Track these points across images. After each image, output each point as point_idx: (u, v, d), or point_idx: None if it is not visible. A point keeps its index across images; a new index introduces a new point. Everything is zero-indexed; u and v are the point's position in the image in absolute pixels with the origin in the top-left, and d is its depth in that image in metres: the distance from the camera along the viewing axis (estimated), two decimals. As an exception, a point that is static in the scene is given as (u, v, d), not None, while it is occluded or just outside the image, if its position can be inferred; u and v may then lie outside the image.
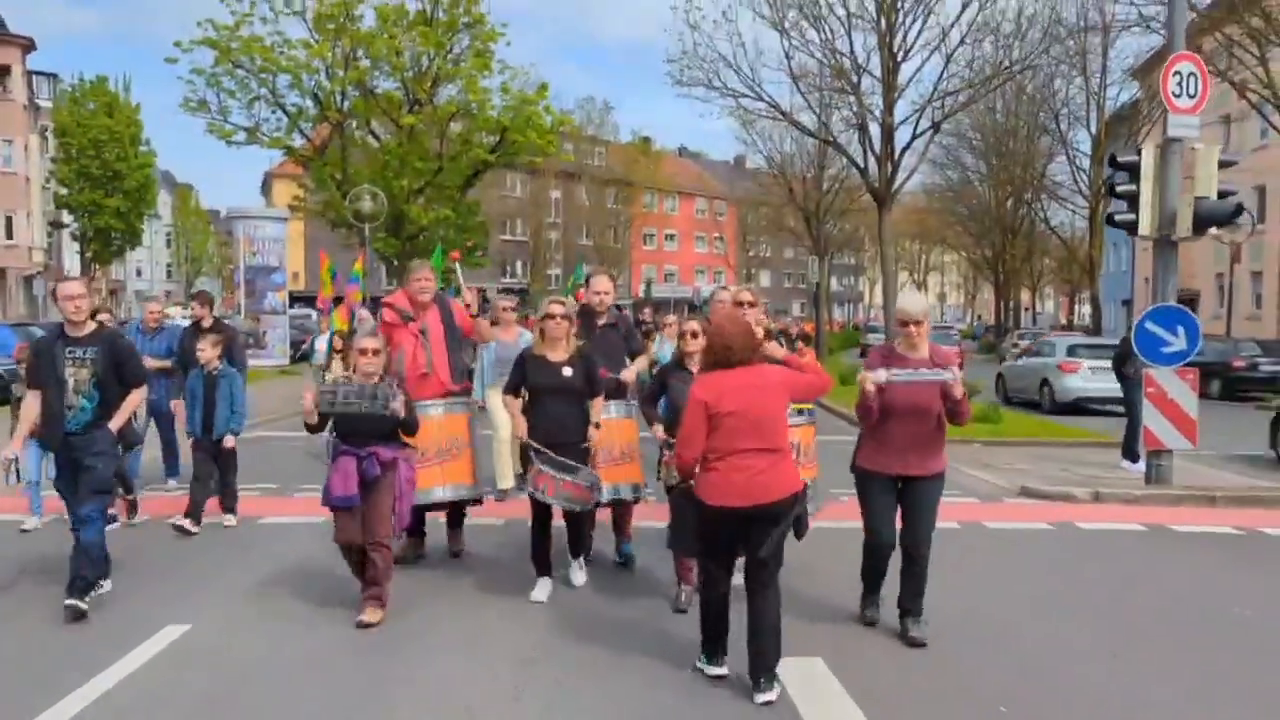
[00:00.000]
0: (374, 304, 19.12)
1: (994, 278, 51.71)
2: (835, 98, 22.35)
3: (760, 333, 5.25)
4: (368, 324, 12.36)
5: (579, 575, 6.30)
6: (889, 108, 19.68)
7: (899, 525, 5.36)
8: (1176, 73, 9.01)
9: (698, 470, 4.59)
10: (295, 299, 34.98)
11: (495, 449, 8.95)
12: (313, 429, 5.79)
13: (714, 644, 4.75)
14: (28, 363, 6.10)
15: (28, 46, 45.51)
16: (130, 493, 8.13)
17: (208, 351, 7.90)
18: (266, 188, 65.09)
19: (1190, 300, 37.95)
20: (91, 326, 5.85)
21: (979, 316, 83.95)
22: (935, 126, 20.70)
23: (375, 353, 5.65)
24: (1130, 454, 10.95)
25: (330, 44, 25.30)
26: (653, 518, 7.02)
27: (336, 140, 26.67)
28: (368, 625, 5.47)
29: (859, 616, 5.59)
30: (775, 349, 5.50)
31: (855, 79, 20.34)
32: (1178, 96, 9.01)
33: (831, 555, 6.59)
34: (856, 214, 43.01)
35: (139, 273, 77.02)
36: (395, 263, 27.59)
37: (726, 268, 72.13)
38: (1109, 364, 12.13)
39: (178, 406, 8.54)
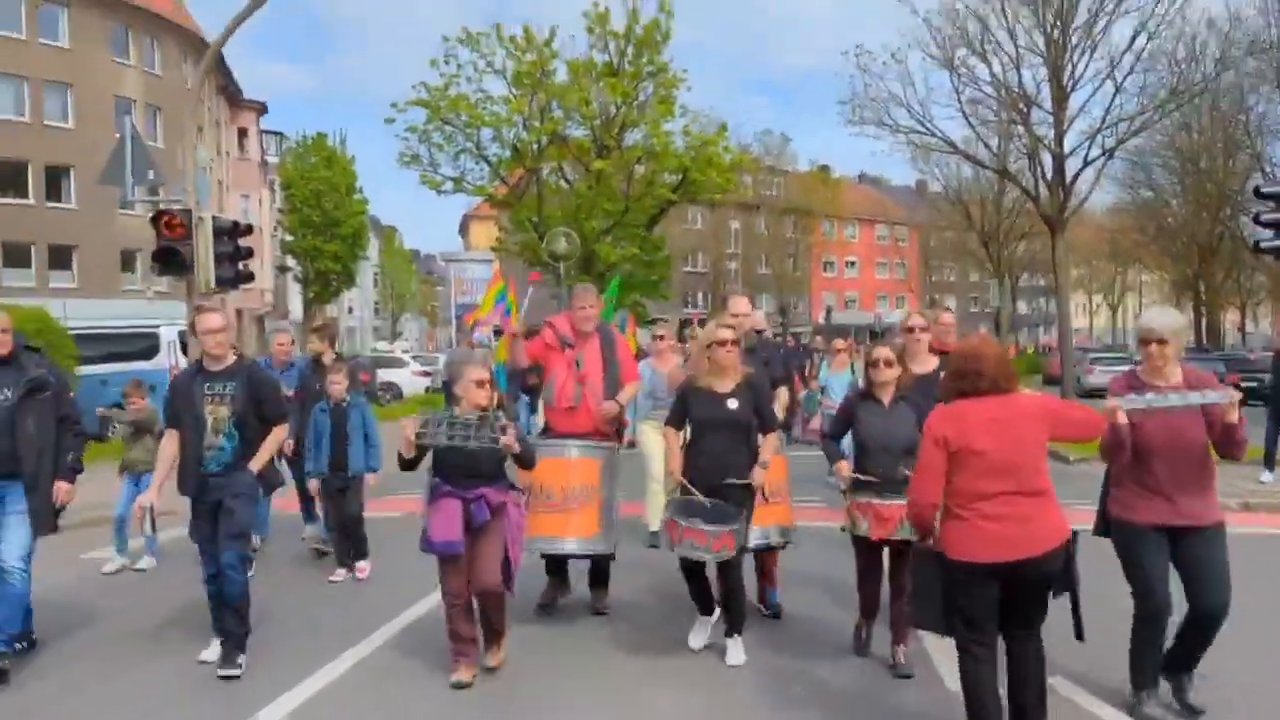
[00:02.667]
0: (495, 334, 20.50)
1: (1195, 298, 49.45)
2: (1006, 128, 22.84)
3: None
4: (478, 353, 12.05)
5: (735, 654, 5.38)
6: (1059, 139, 20.10)
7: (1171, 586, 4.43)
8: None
9: (938, 521, 3.97)
10: (498, 333, 37.61)
11: (648, 487, 8.23)
12: (406, 465, 5.17)
13: None
14: (166, 400, 5.69)
15: (261, 110, 50.99)
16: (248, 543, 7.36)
17: (340, 384, 7.35)
18: (464, 229, 69.41)
19: None
20: (231, 360, 5.53)
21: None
22: (1108, 153, 20.89)
23: (488, 385, 5.10)
24: (1270, 463, 11.30)
25: (528, 98, 27.64)
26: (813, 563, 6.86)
27: (532, 186, 29.07)
28: (491, 669, 5.20)
29: (1131, 709, 4.50)
30: None
31: (1025, 110, 20.84)
32: (1320, 129, 9.50)
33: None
34: (1040, 236, 42.37)
35: (350, 310, 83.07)
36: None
37: (909, 293, 71.53)
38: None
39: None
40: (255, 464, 5.44)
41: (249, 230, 12.30)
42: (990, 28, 20.71)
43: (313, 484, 7.55)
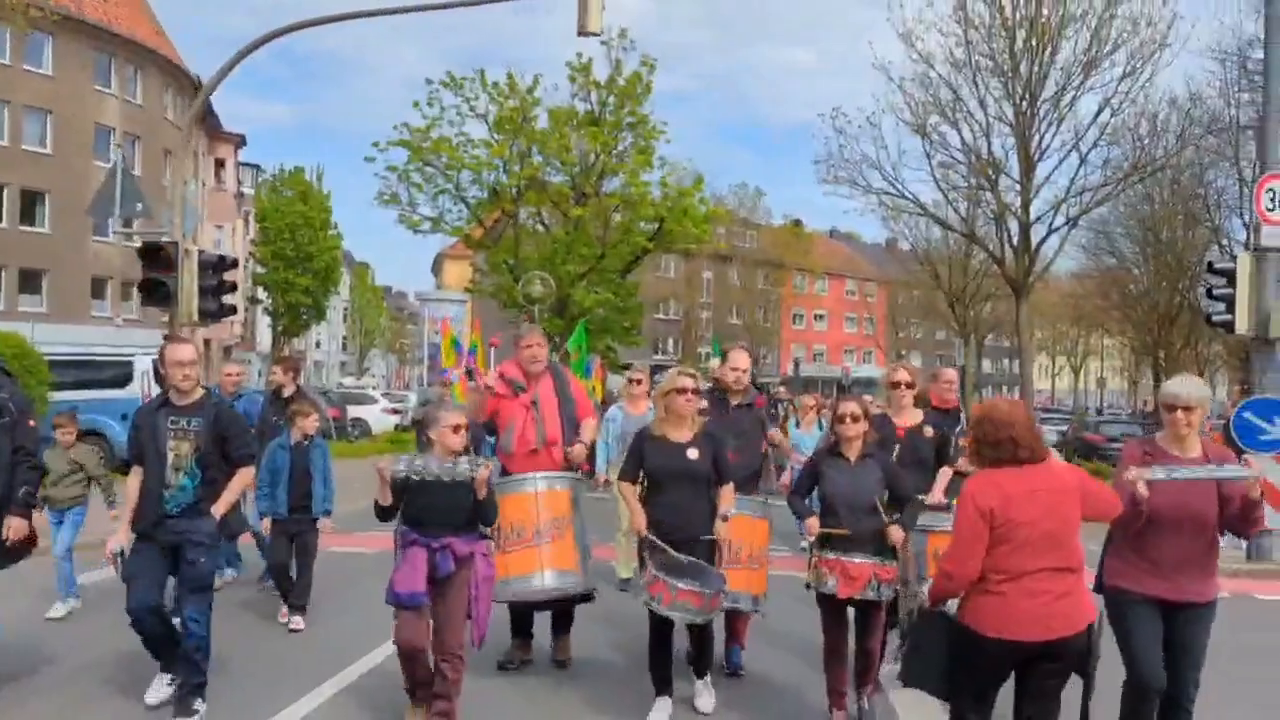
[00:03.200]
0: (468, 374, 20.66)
1: (1154, 364, 50.52)
2: (975, 194, 23.54)
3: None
4: (450, 400, 11.18)
5: (706, 699, 5.35)
6: (1025, 206, 20.78)
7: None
8: (1269, 190, 10.03)
9: (965, 593, 3.81)
10: (470, 373, 37.77)
11: (618, 537, 8.29)
12: (385, 513, 4.89)
13: None
14: (130, 433, 5.36)
15: (239, 142, 51.12)
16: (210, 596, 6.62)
17: (310, 419, 7.12)
18: (438, 268, 69.63)
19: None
20: (199, 394, 5.20)
21: (1144, 403, 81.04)
22: (1072, 222, 21.63)
23: (463, 429, 4.93)
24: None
25: (508, 143, 28.02)
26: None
27: (509, 229, 29.38)
28: None
29: None
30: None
31: (993, 177, 21.52)
32: (1270, 211, 10.00)
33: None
34: (1005, 298, 43.28)
35: (318, 344, 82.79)
36: (556, 340, 29.92)
37: (876, 348, 72.43)
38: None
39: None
40: (218, 508, 5.10)
41: (234, 264, 12.44)
42: (962, 96, 21.48)
43: (265, 523, 7.04)
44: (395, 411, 30.48)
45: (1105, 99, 20.45)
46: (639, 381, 8.84)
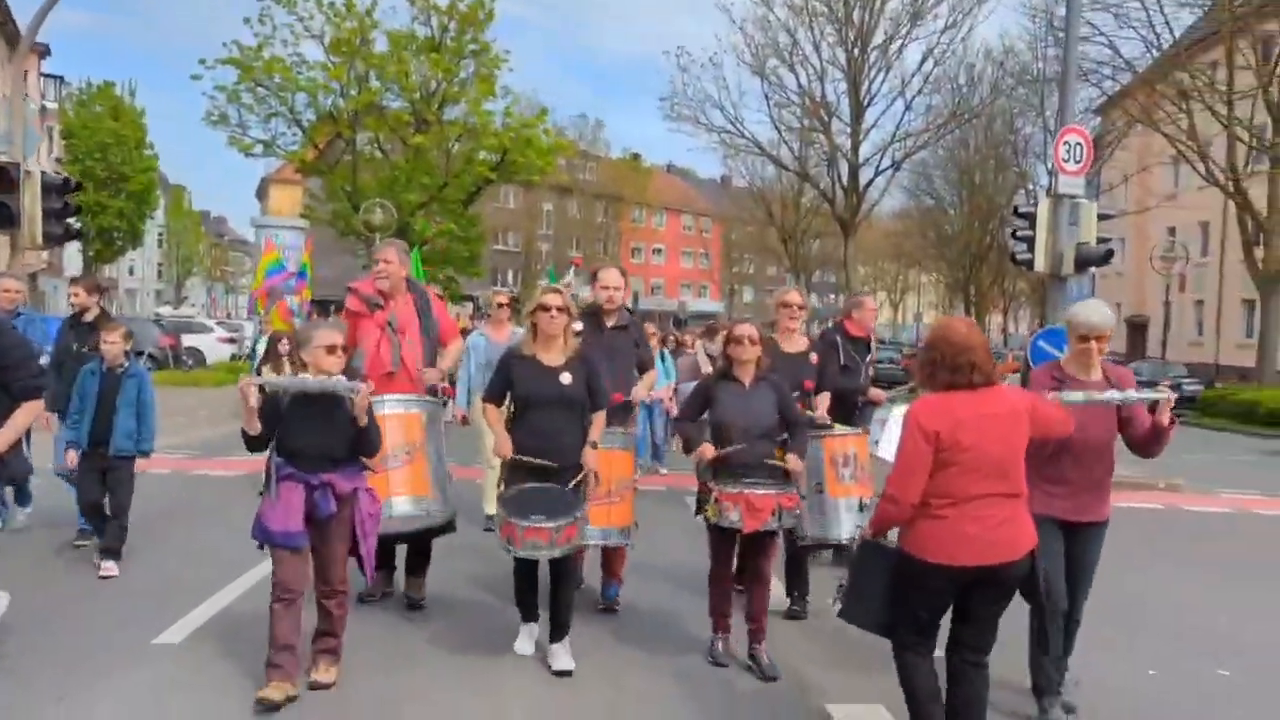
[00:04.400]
0: (320, 307, 20.22)
1: (965, 300, 54.17)
2: (809, 135, 24.67)
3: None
4: (330, 321, 11.31)
5: (563, 658, 4.84)
6: (855, 148, 21.99)
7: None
8: (1066, 143, 11.17)
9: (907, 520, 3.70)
10: (315, 304, 36.81)
11: (485, 471, 7.69)
12: (254, 442, 4.38)
13: None
14: None
15: (43, 52, 47.25)
16: None
17: (116, 344, 6.31)
18: (263, 193, 66.79)
19: (1141, 325, 40.45)
20: None
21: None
22: (896, 165, 23.03)
23: (340, 350, 4.48)
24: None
25: (346, 66, 27.25)
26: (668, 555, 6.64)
27: (347, 155, 28.68)
28: (323, 686, 4.46)
29: (1039, 706, 4.41)
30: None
31: (826, 120, 22.62)
32: (1066, 162, 11.15)
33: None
34: (833, 236, 45.37)
35: (131, 271, 78.35)
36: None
37: (711, 283, 74.37)
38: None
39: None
40: None
41: (79, 187, 11.92)
42: (799, 40, 22.38)
43: (70, 455, 6.35)
44: (230, 340, 29.84)
45: (929, 49, 21.86)
46: (504, 305, 8.19)
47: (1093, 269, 13.30)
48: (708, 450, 4.84)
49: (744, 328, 5.00)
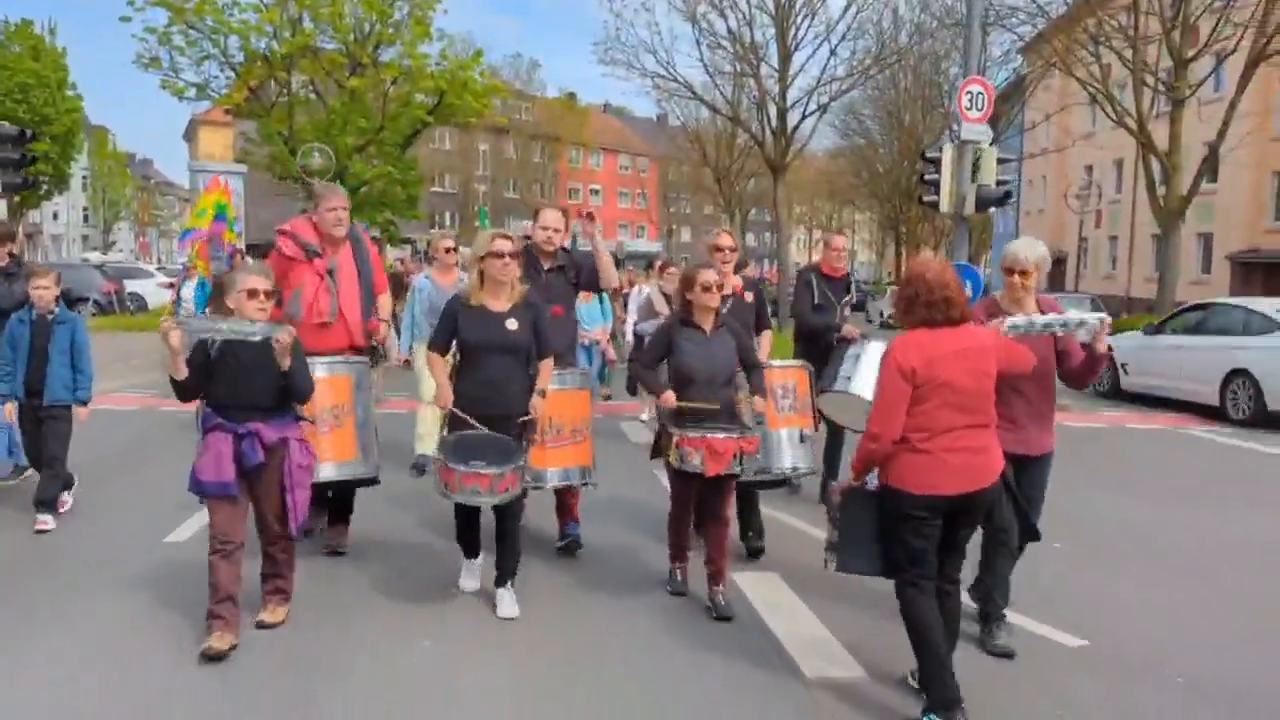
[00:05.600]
0: (257, 251, 20.23)
1: (896, 237, 55.51)
2: (739, 79, 25.39)
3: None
4: (251, 263, 10.73)
5: (508, 605, 4.84)
6: (783, 93, 22.77)
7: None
8: (969, 92, 12.07)
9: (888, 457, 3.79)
10: (250, 249, 36.62)
11: (419, 414, 7.77)
12: (183, 390, 4.41)
13: (944, 686, 3.73)
14: None
15: (-45, -12, 45.69)
16: None
17: (47, 290, 6.16)
18: (191, 134, 65.51)
19: (1059, 260, 42.18)
20: None
21: (889, 273, 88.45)
22: (822, 109, 23.86)
23: (265, 295, 4.40)
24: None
25: (279, 9, 27.13)
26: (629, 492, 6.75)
27: (283, 98, 28.64)
28: (270, 625, 4.55)
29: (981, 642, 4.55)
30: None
31: (755, 64, 23.33)
32: (969, 109, 12.07)
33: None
34: (766, 176, 46.14)
35: (55, 216, 76.39)
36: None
37: (649, 223, 74.89)
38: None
39: None
40: None
41: (35, 138, 12.18)
42: (727, -17, 22.91)
43: (8, 408, 6.18)
44: (171, 285, 29.75)
45: (853, -8, 22.50)
46: (451, 249, 8.02)
47: (1007, 207, 14.22)
48: (670, 398, 4.87)
49: (708, 274, 4.94)
